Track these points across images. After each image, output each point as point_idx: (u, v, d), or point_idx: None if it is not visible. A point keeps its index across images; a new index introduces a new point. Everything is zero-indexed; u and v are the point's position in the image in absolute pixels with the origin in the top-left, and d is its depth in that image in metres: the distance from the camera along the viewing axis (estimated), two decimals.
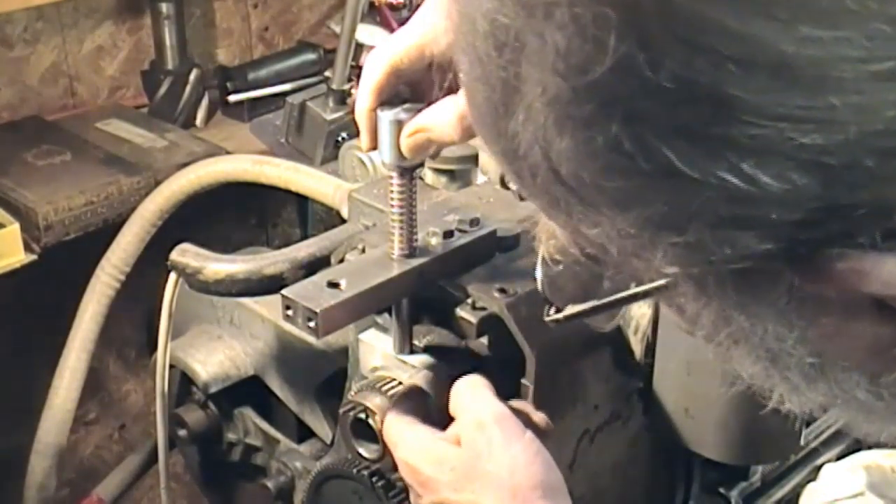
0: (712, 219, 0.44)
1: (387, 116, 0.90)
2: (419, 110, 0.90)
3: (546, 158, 0.47)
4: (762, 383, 0.52)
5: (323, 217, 2.21)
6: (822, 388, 0.50)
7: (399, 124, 0.90)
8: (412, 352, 0.98)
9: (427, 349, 0.99)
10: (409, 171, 0.93)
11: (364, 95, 0.91)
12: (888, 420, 0.52)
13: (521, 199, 0.99)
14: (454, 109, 0.88)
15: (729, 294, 0.47)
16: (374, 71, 0.90)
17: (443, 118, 0.88)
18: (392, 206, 0.94)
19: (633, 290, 0.54)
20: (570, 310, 0.65)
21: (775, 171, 0.42)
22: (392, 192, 0.94)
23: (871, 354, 0.48)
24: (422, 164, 0.95)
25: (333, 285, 0.92)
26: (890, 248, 0.43)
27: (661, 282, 0.50)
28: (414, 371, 0.96)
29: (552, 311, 0.67)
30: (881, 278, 0.44)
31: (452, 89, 0.89)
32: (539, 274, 0.68)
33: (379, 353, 1.00)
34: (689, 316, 0.51)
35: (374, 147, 0.93)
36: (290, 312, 0.90)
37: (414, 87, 0.92)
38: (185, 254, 1.17)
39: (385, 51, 0.90)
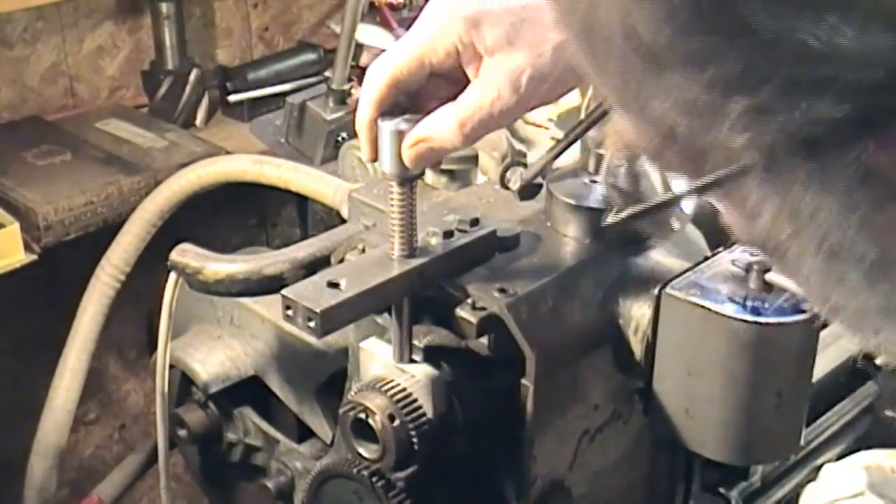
0: (786, 80, 0.43)
1: (387, 127, 0.91)
2: (419, 120, 0.90)
3: (623, 24, 0.46)
4: (819, 288, 0.51)
5: (323, 217, 2.21)
6: (882, 290, 0.48)
7: (400, 135, 0.90)
8: (412, 360, 0.98)
9: (427, 350, 0.99)
10: (409, 181, 0.93)
11: (364, 107, 0.92)
12: None
13: (521, 199, 0.99)
14: (454, 116, 0.88)
15: (797, 167, 0.46)
16: (375, 82, 0.90)
17: (443, 126, 0.89)
18: (392, 213, 0.94)
19: (697, 182, 0.52)
20: (631, 210, 0.64)
21: (855, 28, 0.41)
22: (392, 200, 0.94)
23: None
24: (422, 174, 0.95)
25: (333, 285, 0.92)
26: None
27: (726, 170, 0.48)
28: (413, 377, 0.97)
29: (611, 216, 0.67)
30: None
31: (451, 98, 0.89)
32: (603, 178, 0.68)
33: (379, 361, 1.00)
34: (750, 209, 0.50)
35: (375, 158, 0.93)
36: (290, 312, 0.90)
37: (413, 98, 0.92)
38: (185, 254, 1.17)
39: (385, 62, 0.90)
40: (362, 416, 0.95)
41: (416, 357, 0.99)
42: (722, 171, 0.49)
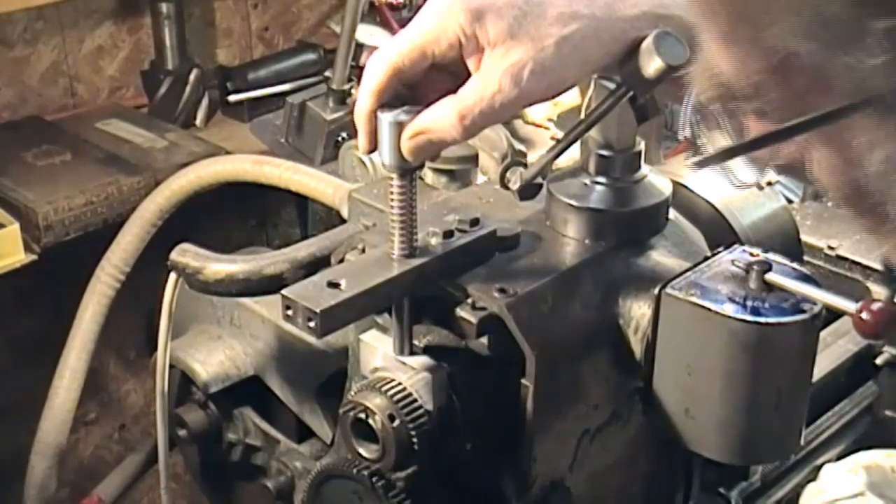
0: None
1: (387, 118, 0.90)
2: (419, 112, 0.90)
3: None
4: None
5: (323, 217, 2.21)
6: None
7: (399, 126, 0.90)
8: (412, 353, 0.98)
9: (427, 349, 0.99)
10: (409, 173, 0.93)
11: (364, 97, 0.91)
12: None
13: (521, 199, 0.99)
14: (454, 108, 0.88)
15: None
16: (375, 72, 0.90)
17: (443, 118, 0.88)
18: (392, 207, 0.94)
19: (806, 117, 0.50)
20: (719, 146, 0.62)
21: None
22: (392, 193, 0.94)
23: None
24: (422, 166, 0.95)
25: (333, 285, 0.92)
26: None
27: (840, 105, 0.47)
28: (413, 372, 0.96)
29: (693, 157, 0.66)
30: None
31: (452, 91, 0.89)
32: (688, 117, 0.67)
33: (379, 353, 1.00)
34: (856, 153, 0.48)
35: (372, 149, 0.93)
36: (290, 312, 0.90)
37: (414, 89, 0.92)
38: (185, 254, 1.17)
39: (386, 52, 0.90)
40: (362, 416, 0.95)
41: None
42: (834, 106, 0.47)
